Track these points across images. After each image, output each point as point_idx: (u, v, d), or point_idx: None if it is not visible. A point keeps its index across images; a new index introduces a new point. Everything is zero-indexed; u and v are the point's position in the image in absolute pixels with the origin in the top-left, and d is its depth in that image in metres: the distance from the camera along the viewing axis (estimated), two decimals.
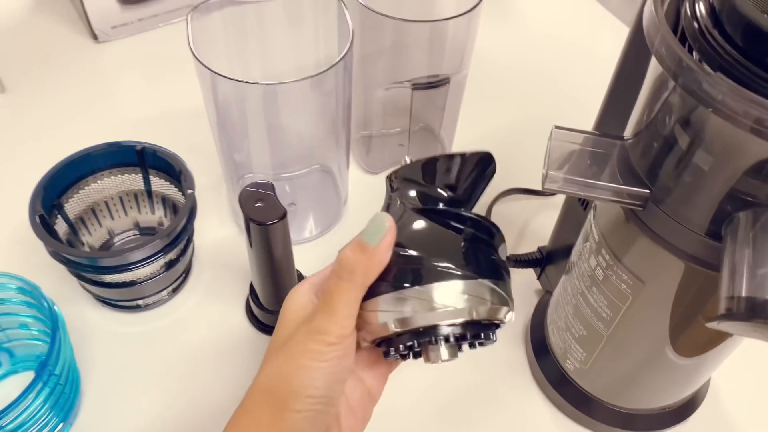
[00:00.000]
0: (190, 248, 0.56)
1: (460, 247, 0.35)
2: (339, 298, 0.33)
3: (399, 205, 0.37)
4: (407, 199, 0.37)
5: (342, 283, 0.33)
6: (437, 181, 0.38)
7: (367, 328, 0.35)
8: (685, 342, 0.42)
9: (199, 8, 0.51)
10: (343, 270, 0.33)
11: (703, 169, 0.33)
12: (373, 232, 0.33)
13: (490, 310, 0.34)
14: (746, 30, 0.28)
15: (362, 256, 0.33)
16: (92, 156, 0.54)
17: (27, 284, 0.47)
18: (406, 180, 0.38)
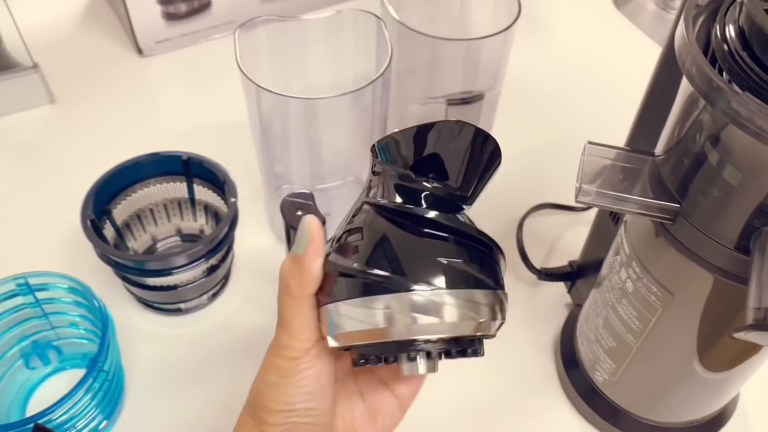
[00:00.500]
0: (230, 255, 0.58)
1: (418, 253, 0.30)
2: (286, 313, 0.32)
3: (372, 196, 0.33)
4: (388, 191, 0.33)
5: (285, 297, 0.32)
6: (426, 167, 0.32)
7: (337, 335, 0.32)
8: (714, 355, 0.43)
9: (245, 25, 0.54)
10: (282, 284, 0.33)
11: (732, 185, 0.34)
12: (300, 240, 0.32)
13: (455, 327, 0.29)
14: None
15: (295, 266, 0.32)
16: (141, 164, 0.57)
17: (79, 284, 0.49)
18: (391, 162, 0.33)
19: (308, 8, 0.89)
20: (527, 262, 0.60)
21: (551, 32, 0.89)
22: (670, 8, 0.99)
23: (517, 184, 0.70)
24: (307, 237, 0.32)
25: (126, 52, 0.83)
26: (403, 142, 0.33)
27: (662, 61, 0.43)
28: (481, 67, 0.58)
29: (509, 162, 0.71)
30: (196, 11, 0.82)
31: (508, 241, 0.64)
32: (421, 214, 0.31)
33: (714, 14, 0.35)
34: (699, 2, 0.34)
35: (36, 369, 0.54)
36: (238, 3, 0.84)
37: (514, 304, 0.60)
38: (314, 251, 0.32)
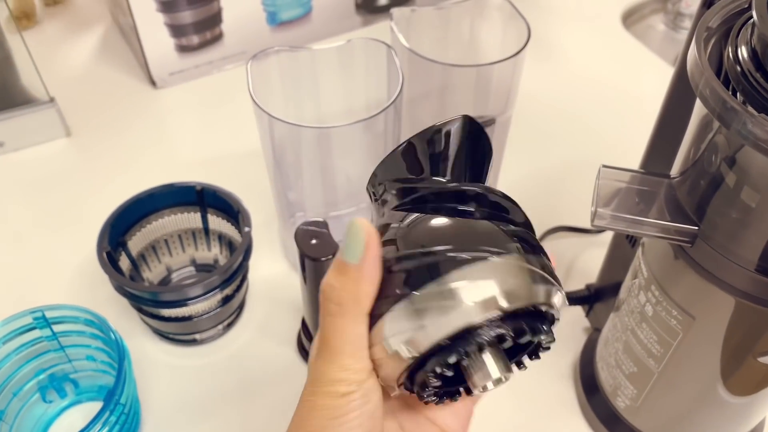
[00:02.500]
0: (244, 285, 0.58)
1: (467, 227, 0.28)
2: (336, 339, 0.26)
3: (385, 209, 0.30)
4: (395, 198, 0.30)
5: (334, 319, 0.27)
6: (425, 170, 0.31)
7: (381, 369, 0.27)
8: (738, 379, 0.42)
9: (258, 56, 0.54)
10: (329, 304, 0.27)
11: (751, 206, 0.33)
12: (351, 246, 0.26)
13: (530, 293, 0.26)
14: None
15: (347, 279, 0.26)
16: (155, 195, 0.57)
17: (95, 317, 0.49)
18: (389, 182, 0.31)
19: (319, 37, 0.90)
20: None
21: (561, 54, 0.89)
22: (679, 28, 0.99)
23: (532, 206, 0.68)
24: (362, 240, 0.26)
25: (140, 84, 0.84)
26: (392, 164, 0.31)
27: (675, 83, 0.43)
28: (492, 92, 0.58)
29: (523, 184, 0.72)
30: (209, 43, 0.84)
31: None
32: (451, 189, 0.29)
33: (726, 35, 0.35)
34: (710, 24, 0.34)
35: (53, 402, 0.54)
36: (249, 34, 0.85)
37: None
38: (373, 256, 0.26)
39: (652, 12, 1.01)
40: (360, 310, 0.26)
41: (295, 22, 0.88)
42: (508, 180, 0.71)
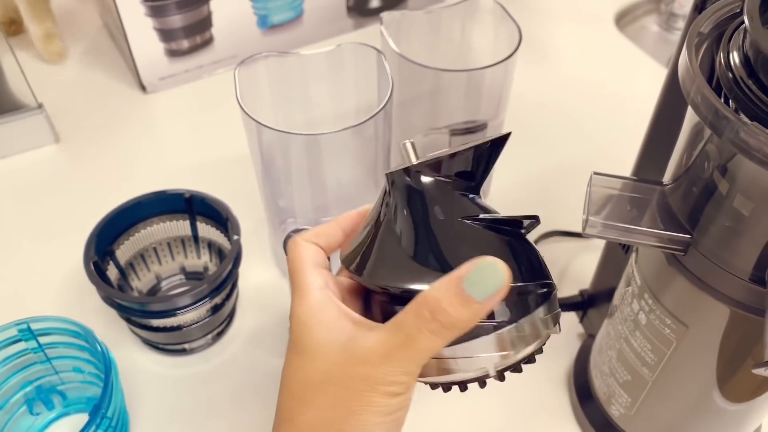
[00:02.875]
0: (234, 293, 0.58)
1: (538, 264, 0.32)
2: (421, 353, 0.28)
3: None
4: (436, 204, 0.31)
5: (435, 338, 0.27)
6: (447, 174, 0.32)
7: (447, 372, 0.30)
8: (733, 387, 0.42)
9: (246, 62, 0.53)
10: (434, 324, 0.27)
11: (744, 215, 0.33)
12: (482, 284, 0.27)
13: (548, 333, 0.32)
14: None
15: (465, 311, 0.27)
16: (143, 204, 0.56)
17: (81, 328, 0.48)
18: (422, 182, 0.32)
19: (311, 40, 0.89)
20: None
21: (554, 55, 0.89)
22: (672, 29, 0.99)
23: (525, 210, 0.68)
24: (497, 285, 0.27)
25: (130, 89, 0.83)
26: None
27: (666, 88, 0.42)
28: (484, 96, 0.58)
29: (516, 189, 0.71)
30: (199, 47, 0.83)
31: None
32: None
33: (717, 40, 0.34)
34: (701, 29, 0.33)
35: (40, 414, 0.53)
36: (240, 38, 0.84)
37: None
38: (497, 301, 0.28)
39: (645, 13, 1.01)
40: (458, 334, 0.28)
41: (286, 26, 0.87)
42: (501, 185, 0.70)
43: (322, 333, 0.30)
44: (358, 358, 0.28)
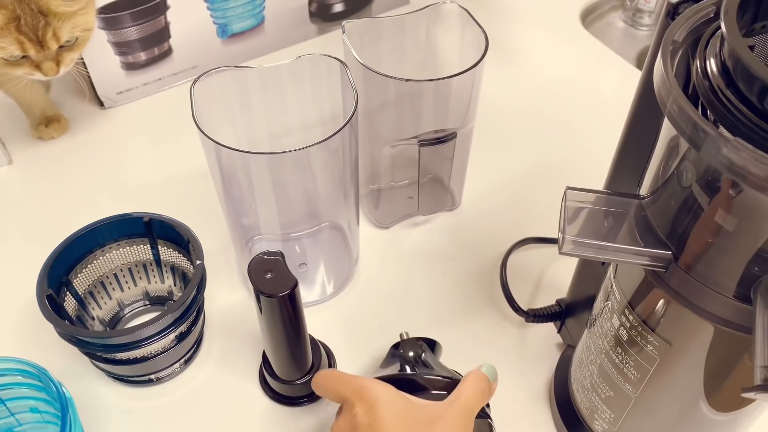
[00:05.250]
0: (200, 318, 0.55)
1: None
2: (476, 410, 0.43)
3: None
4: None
5: (483, 400, 0.43)
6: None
7: None
8: (720, 400, 0.41)
9: (202, 78, 0.51)
10: (486, 395, 0.43)
11: (727, 231, 0.31)
12: (492, 374, 0.44)
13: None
14: (762, 92, 0.27)
15: (492, 386, 0.44)
16: (98, 230, 0.54)
17: (34, 368, 0.45)
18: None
19: (273, 48, 0.87)
20: (513, 303, 0.57)
21: (520, 57, 0.87)
22: (638, 24, 0.98)
23: (498, 219, 0.67)
24: (496, 373, 0.45)
25: (87, 105, 0.80)
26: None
27: (639, 96, 0.40)
28: (452, 104, 0.56)
29: (488, 197, 0.69)
30: (157, 59, 0.80)
31: (492, 280, 0.61)
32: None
33: (693, 46, 0.33)
34: (676, 37, 0.32)
35: None
36: (199, 48, 0.82)
37: (501, 347, 0.58)
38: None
39: (610, 9, 1.00)
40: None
41: (247, 34, 0.84)
42: (473, 192, 0.69)
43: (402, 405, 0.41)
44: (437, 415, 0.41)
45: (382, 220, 0.67)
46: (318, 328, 0.57)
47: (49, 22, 0.59)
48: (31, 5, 0.58)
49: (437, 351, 0.53)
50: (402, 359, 0.50)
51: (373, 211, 0.67)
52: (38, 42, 0.60)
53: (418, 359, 0.50)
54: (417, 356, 0.50)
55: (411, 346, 0.51)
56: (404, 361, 0.50)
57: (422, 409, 0.41)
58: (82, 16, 0.62)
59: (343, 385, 0.43)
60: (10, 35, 0.58)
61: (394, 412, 0.40)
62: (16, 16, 0.57)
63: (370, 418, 0.39)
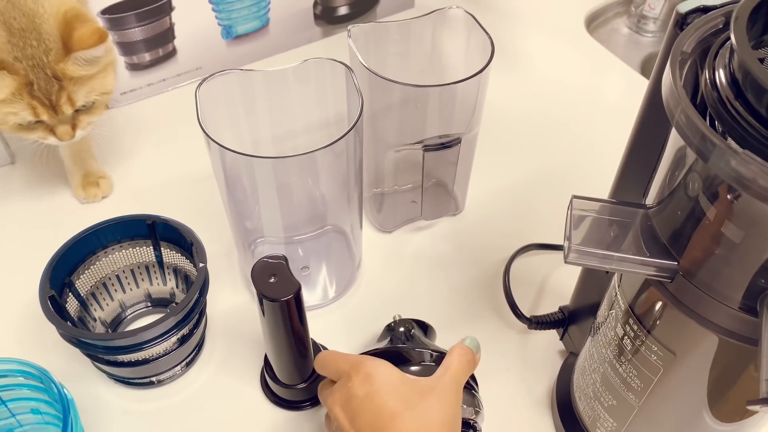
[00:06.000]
0: (203, 321, 0.55)
1: None
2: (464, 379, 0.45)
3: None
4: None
5: (469, 370, 0.45)
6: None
7: None
8: (723, 410, 0.40)
9: (207, 80, 0.51)
10: (471, 365, 0.45)
11: (734, 242, 0.31)
12: (475, 345, 0.46)
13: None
14: None
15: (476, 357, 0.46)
16: (101, 231, 0.53)
17: (35, 369, 0.45)
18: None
19: (278, 50, 0.86)
20: (516, 310, 0.57)
21: (525, 63, 0.87)
22: (643, 31, 0.98)
23: (502, 224, 0.67)
24: (478, 344, 0.47)
25: None
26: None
27: (646, 106, 0.40)
28: (457, 110, 0.56)
29: (492, 203, 0.69)
30: (161, 60, 0.80)
31: (495, 286, 0.61)
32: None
33: (702, 56, 0.33)
34: (684, 48, 0.32)
35: None
36: (204, 49, 0.82)
37: (503, 353, 0.57)
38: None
39: (615, 15, 1.00)
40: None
41: (251, 35, 0.84)
42: (477, 198, 0.69)
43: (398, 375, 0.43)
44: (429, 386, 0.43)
45: (385, 224, 0.67)
46: (320, 331, 0.57)
47: (63, 87, 0.57)
48: (46, 70, 0.55)
49: (430, 333, 0.55)
50: (393, 336, 0.53)
51: (376, 215, 0.67)
52: (52, 107, 0.57)
53: (408, 335, 0.53)
54: (407, 333, 0.53)
55: (402, 324, 0.54)
56: (395, 337, 0.53)
57: (415, 382, 0.42)
58: (100, 80, 0.59)
59: (342, 360, 0.45)
60: (23, 100, 0.56)
61: (390, 384, 0.41)
62: (28, 81, 0.55)
63: (367, 389, 0.41)
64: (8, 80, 0.54)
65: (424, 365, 0.47)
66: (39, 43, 0.55)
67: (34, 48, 0.55)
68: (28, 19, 0.55)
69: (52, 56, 0.55)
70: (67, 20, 0.56)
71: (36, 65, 0.55)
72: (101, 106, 0.62)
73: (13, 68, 0.54)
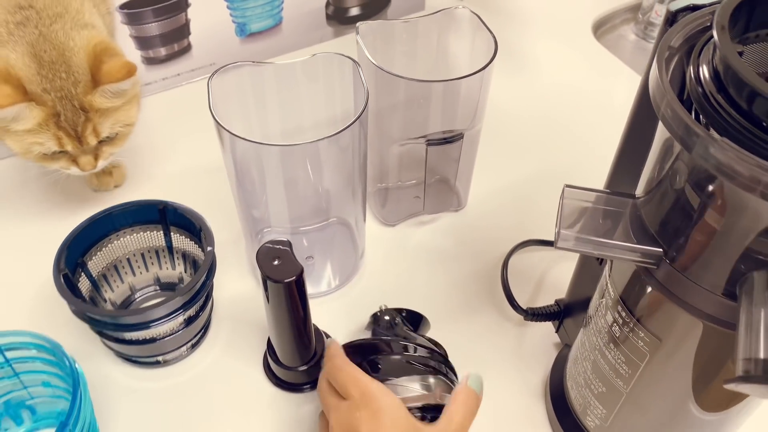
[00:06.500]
0: (209, 304, 0.57)
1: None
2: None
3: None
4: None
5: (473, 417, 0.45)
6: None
7: None
8: (709, 397, 0.42)
9: (219, 72, 0.53)
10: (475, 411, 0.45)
11: (715, 229, 0.33)
12: (479, 385, 0.46)
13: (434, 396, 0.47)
14: (751, 97, 0.29)
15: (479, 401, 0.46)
16: (115, 215, 0.55)
17: (48, 342, 0.47)
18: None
19: (289, 48, 0.89)
20: (513, 301, 0.58)
21: (532, 65, 0.89)
22: (650, 38, 0.99)
23: (502, 221, 0.69)
24: (482, 382, 0.47)
25: None
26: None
27: (638, 101, 0.42)
28: (460, 106, 0.58)
29: (494, 199, 0.71)
30: (177, 55, 0.82)
31: (494, 280, 0.63)
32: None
33: (689, 53, 0.34)
34: (672, 43, 0.34)
35: (8, 430, 0.52)
36: (218, 45, 0.84)
37: (500, 345, 0.59)
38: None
39: (622, 22, 1.02)
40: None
41: (264, 33, 0.86)
42: (479, 194, 0.70)
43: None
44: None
45: (388, 217, 0.69)
46: (322, 319, 0.59)
47: (89, 118, 0.58)
48: (73, 101, 0.57)
49: (424, 324, 0.56)
50: (376, 325, 0.55)
51: (380, 209, 0.69)
52: (77, 138, 0.58)
53: (392, 324, 0.54)
54: (391, 321, 0.54)
55: (386, 313, 0.55)
56: (378, 326, 0.55)
57: (421, 429, 0.43)
58: (125, 112, 0.61)
59: (352, 384, 0.45)
60: (49, 131, 0.57)
61: (396, 427, 0.42)
62: (55, 112, 0.57)
63: (372, 426, 0.42)
64: (36, 111, 0.55)
65: (395, 359, 0.48)
66: (68, 75, 0.56)
67: (63, 80, 0.56)
68: (58, 51, 0.56)
69: (81, 88, 0.57)
70: (96, 53, 0.57)
71: (64, 97, 0.56)
72: (124, 137, 0.63)
73: (40, 99, 0.56)
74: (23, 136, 0.57)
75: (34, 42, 0.56)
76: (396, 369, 0.47)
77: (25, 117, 0.55)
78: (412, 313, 0.56)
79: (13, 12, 0.58)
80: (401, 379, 0.46)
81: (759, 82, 0.28)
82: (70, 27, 0.58)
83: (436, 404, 0.46)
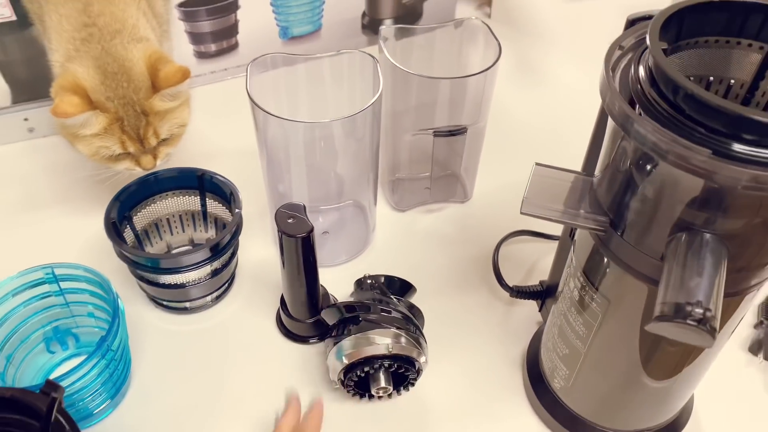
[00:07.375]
0: (234, 261, 0.65)
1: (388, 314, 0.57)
2: None
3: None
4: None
5: None
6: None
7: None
8: (656, 362, 0.48)
9: (258, 60, 0.61)
10: None
11: (649, 199, 0.39)
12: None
13: (406, 349, 0.55)
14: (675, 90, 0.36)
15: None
16: (160, 179, 0.64)
17: (98, 276, 0.56)
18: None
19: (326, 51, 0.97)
20: (501, 280, 0.65)
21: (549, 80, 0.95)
22: None
23: (503, 213, 0.75)
24: None
25: None
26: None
27: None
28: (466, 102, 0.65)
29: (497, 194, 0.78)
30: (225, 51, 0.92)
31: (488, 264, 0.70)
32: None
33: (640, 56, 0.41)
34: (623, 44, 0.40)
35: (55, 353, 0.61)
36: (262, 45, 0.93)
37: (488, 320, 0.66)
38: None
39: None
40: None
41: (305, 38, 0.95)
42: (484, 189, 0.77)
43: None
44: None
45: (399, 204, 0.76)
46: (336, 285, 0.66)
47: (150, 122, 0.64)
48: (135, 107, 0.63)
49: (411, 291, 0.64)
50: (359, 288, 0.63)
51: (392, 195, 0.77)
52: (139, 140, 0.64)
53: (373, 286, 0.62)
54: (373, 284, 0.63)
55: (370, 278, 0.63)
56: (360, 288, 0.63)
57: None
58: (179, 113, 0.67)
59: None
60: (114, 135, 0.63)
61: None
62: (118, 118, 0.62)
63: None
64: (101, 117, 0.62)
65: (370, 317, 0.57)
66: (129, 84, 0.63)
67: (124, 89, 0.62)
68: (119, 63, 0.63)
69: (142, 94, 0.63)
70: (152, 62, 0.64)
71: (126, 103, 0.63)
72: (178, 138, 0.70)
73: (104, 107, 0.62)
74: (91, 140, 0.64)
75: (97, 56, 0.63)
76: (367, 325, 0.56)
77: (92, 123, 0.62)
78: (402, 281, 0.63)
79: (79, 29, 0.64)
80: (371, 332, 0.55)
81: (678, 77, 0.35)
82: (127, 41, 0.65)
83: (400, 354, 0.55)
